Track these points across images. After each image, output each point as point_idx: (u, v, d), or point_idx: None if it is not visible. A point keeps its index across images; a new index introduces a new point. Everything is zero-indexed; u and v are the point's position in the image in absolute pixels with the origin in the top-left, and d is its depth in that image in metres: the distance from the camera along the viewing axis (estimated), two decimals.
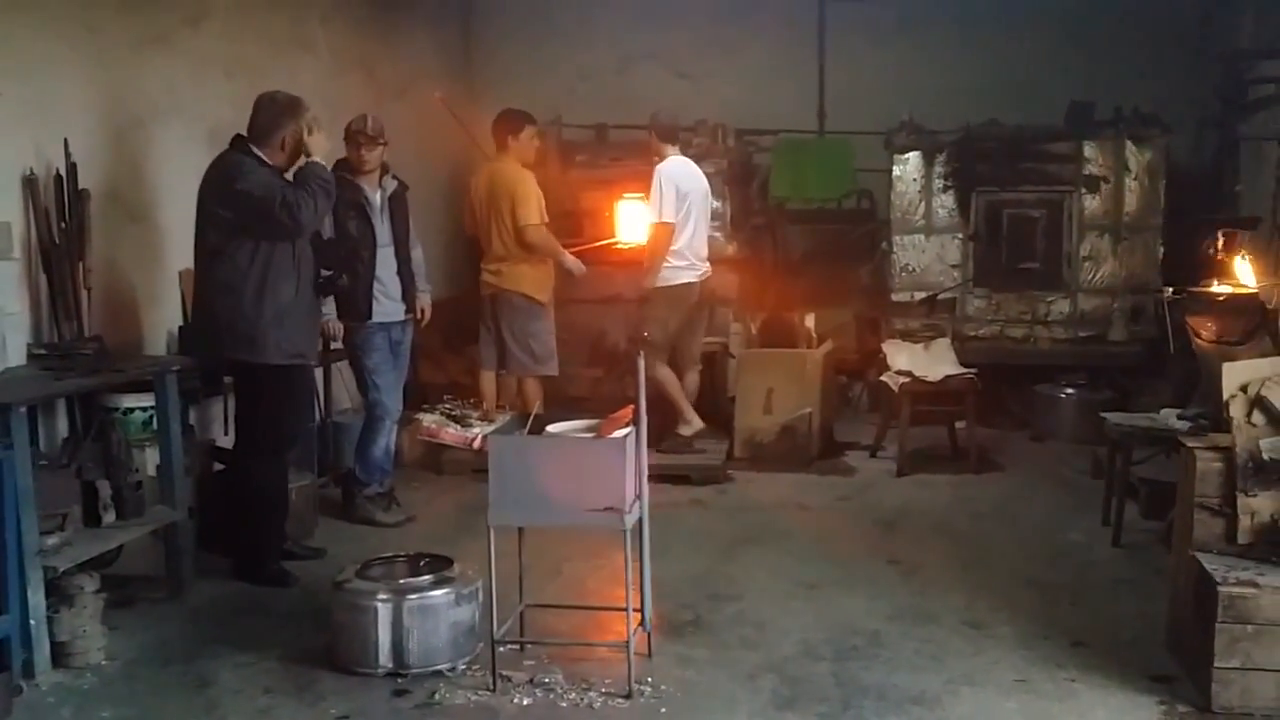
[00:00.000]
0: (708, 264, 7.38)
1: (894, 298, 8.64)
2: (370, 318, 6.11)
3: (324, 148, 5.30)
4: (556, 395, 7.58)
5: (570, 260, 7.15)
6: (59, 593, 4.38)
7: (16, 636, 4.14)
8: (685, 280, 7.18)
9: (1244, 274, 5.47)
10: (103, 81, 5.70)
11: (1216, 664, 3.89)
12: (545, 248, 7.03)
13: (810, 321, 8.24)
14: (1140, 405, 7.03)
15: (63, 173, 5.31)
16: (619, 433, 4.19)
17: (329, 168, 5.33)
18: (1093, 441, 6.74)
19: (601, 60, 10.13)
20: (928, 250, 8.68)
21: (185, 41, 6.33)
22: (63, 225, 5.29)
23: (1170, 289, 5.85)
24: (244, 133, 5.21)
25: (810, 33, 10.16)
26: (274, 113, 5.20)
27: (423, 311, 6.47)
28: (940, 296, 8.52)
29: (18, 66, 5.16)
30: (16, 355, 4.86)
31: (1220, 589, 3.90)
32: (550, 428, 4.32)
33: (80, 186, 5.37)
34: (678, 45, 10.05)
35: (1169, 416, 5.75)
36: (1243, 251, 5.67)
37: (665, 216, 7.01)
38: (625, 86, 9.66)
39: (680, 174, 7.12)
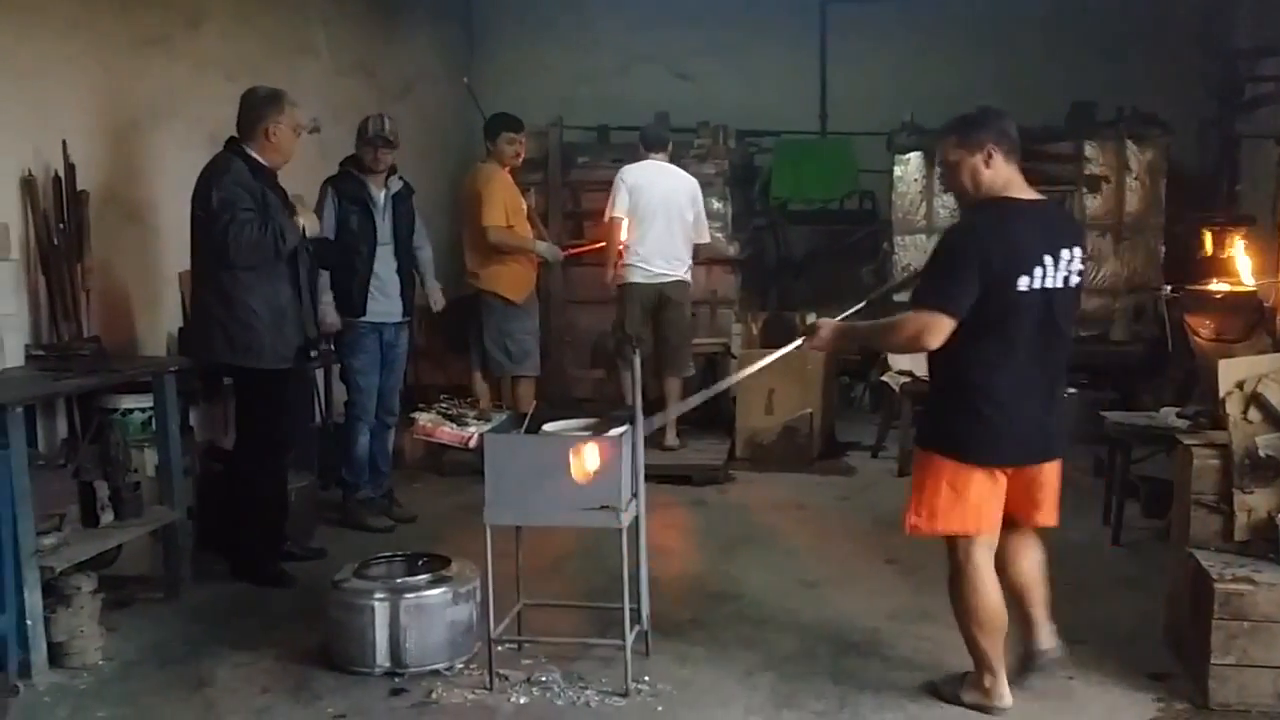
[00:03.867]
0: (677, 268, 7.36)
1: (895, 298, 8.58)
2: (364, 314, 6.11)
3: (314, 227, 5.34)
4: (559, 396, 7.58)
5: (542, 247, 7.20)
6: (56, 593, 4.38)
7: (13, 637, 4.14)
8: (634, 280, 7.31)
9: (1243, 272, 5.45)
10: (102, 83, 5.72)
11: (1213, 660, 3.89)
12: (508, 246, 7.02)
13: (812, 322, 8.21)
14: (1142, 404, 7.01)
15: (61, 174, 5.32)
16: (614, 431, 4.19)
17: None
18: (1094, 441, 6.72)
19: (603, 62, 10.15)
20: (929, 250, 8.63)
21: (185, 43, 6.35)
22: (61, 226, 5.30)
23: (1169, 287, 5.84)
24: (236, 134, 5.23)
25: (812, 33, 10.18)
26: (253, 105, 5.21)
27: (435, 300, 6.59)
28: None
29: (16, 67, 5.17)
30: (15, 356, 4.87)
31: (1217, 586, 3.89)
32: (546, 426, 4.32)
33: (79, 188, 5.38)
34: (679, 46, 10.07)
35: (1168, 415, 5.72)
36: (1232, 249, 5.64)
37: (609, 213, 7.32)
38: (627, 88, 9.69)
39: (638, 176, 7.30)
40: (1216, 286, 5.42)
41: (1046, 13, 9.54)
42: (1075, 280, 3.87)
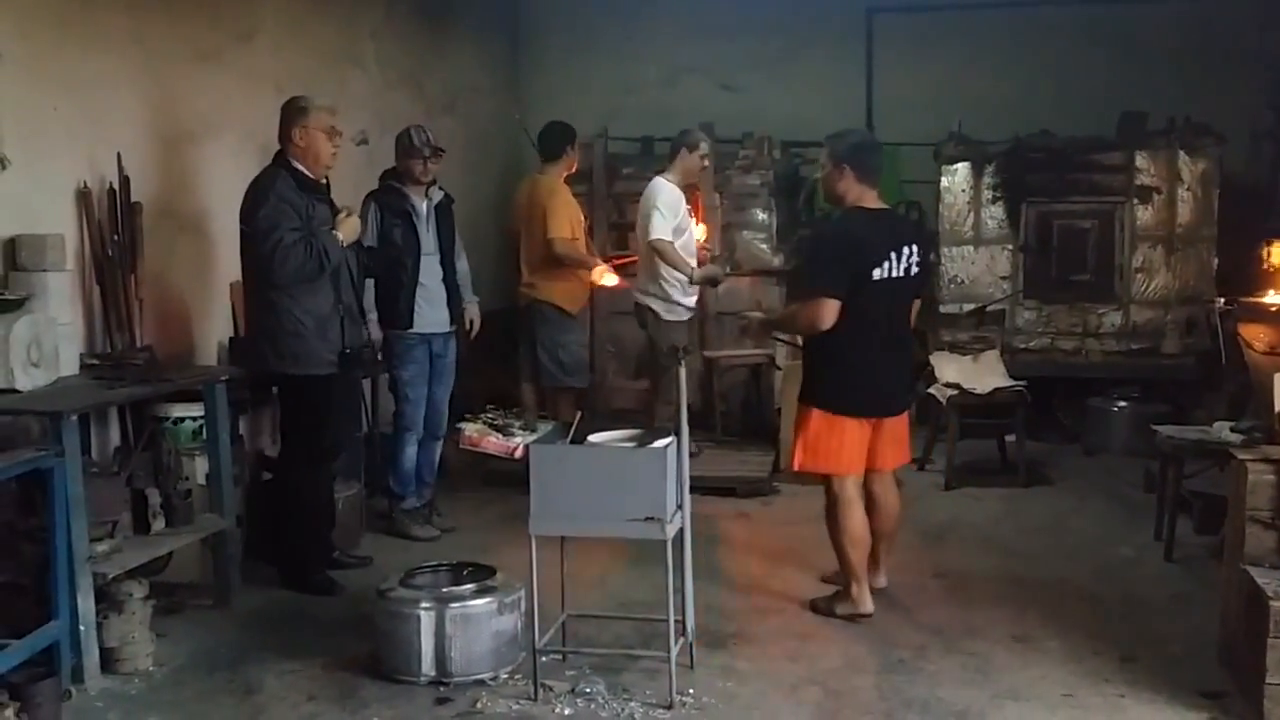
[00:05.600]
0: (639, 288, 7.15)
1: (942, 309, 8.56)
2: (411, 325, 6.14)
3: (354, 232, 5.38)
4: (601, 407, 7.58)
5: (598, 272, 7.14)
6: (108, 599, 4.45)
7: (66, 642, 4.19)
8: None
9: None
10: (155, 96, 5.80)
11: (1269, 680, 3.81)
12: (571, 260, 7.04)
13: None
14: (1195, 418, 6.91)
15: (115, 186, 5.40)
16: (660, 442, 4.18)
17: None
18: (1146, 455, 6.64)
19: (648, 73, 10.16)
20: (977, 262, 8.61)
21: (236, 56, 6.43)
22: (115, 238, 5.38)
23: (1222, 300, 5.76)
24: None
25: (858, 44, 10.12)
26: (284, 115, 5.31)
27: (472, 322, 6.52)
28: (989, 308, 8.44)
29: (72, 81, 5.26)
30: (70, 365, 4.94)
31: (1273, 604, 3.82)
32: (591, 437, 4.33)
33: (133, 199, 5.46)
34: (724, 58, 10.05)
35: (1222, 429, 5.65)
36: None
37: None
38: (672, 99, 9.67)
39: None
40: (1272, 299, 5.33)
41: (1095, 22, 9.43)
42: (915, 271, 4.87)
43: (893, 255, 4.79)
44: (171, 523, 4.92)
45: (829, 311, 4.70)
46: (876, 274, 4.74)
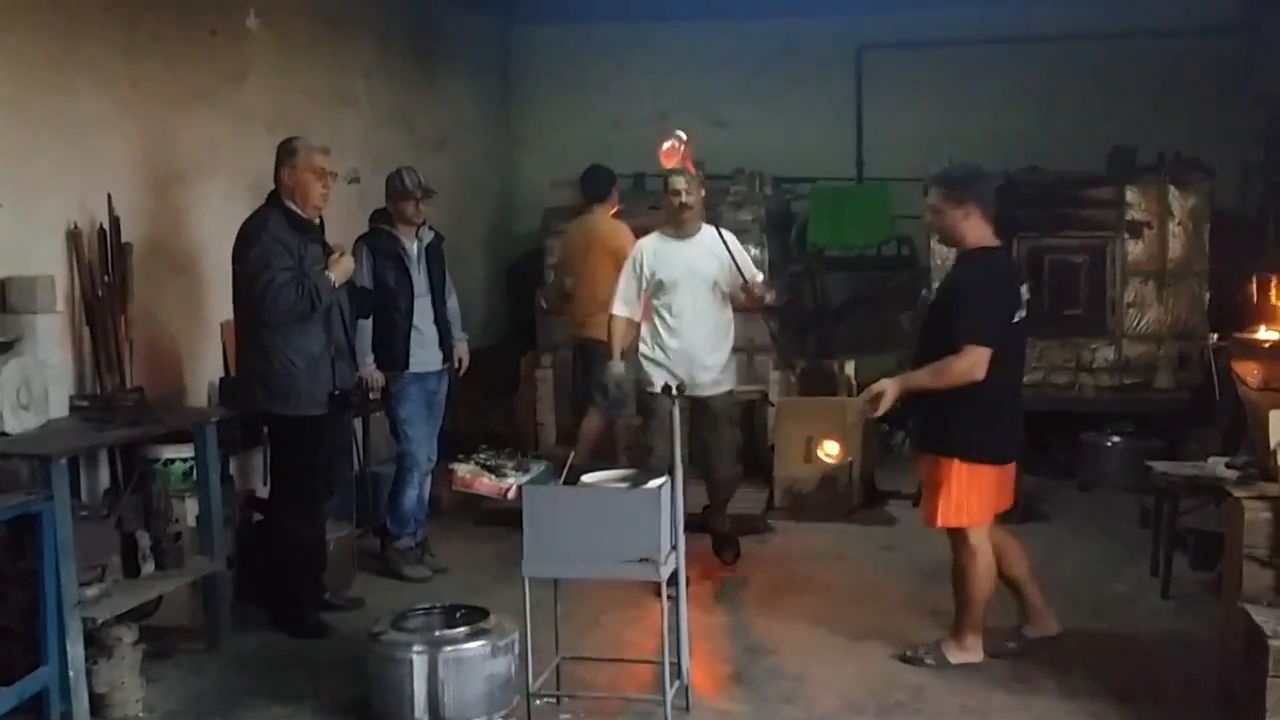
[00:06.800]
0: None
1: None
2: (408, 367, 6.13)
3: (347, 272, 5.35)
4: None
5: None
6: (98, 644, 4.39)
7: (55, 688, 4.15)
8: None
9: None
10: (146, 137, 5.80)
11: None
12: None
13: (850, 369, 8.18)
14: (1188, 453, 6.90)
15: (106, 226, 5.39)
16: (654, 483, 4.16)
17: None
18: (1140, 490, 6.62)
19: (639, 110, 10.16)
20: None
21: (228, 97, 6.44)
22: (105, 278, 5.36)
23: (1215, 335, 5.76)
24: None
25: (848, 80, 10.18)
26: (277, 157, 5.29)
27: (460, 360, 6.50)
28: None
29: (62, 121, 5.26)
30: (59, 407, 4.90)
31: (1272, 643, 3.79)
32: (585, 477, 4.30)
33: (123, 240, 5.45)
34: (715, 94, 10.09)
35: (1216, 465, 5.63)
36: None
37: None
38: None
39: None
40: (1265, 335, 5.33)
41: (1084, 58, 9.50)
42: (1027, 310, 4.80)
43: (1022, 295, 4.77)
44: (162, 566, 4.87)
45: (984, 361, 4.50)
46: (1016, 317, 4.68)
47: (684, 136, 6.26)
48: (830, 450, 7.17)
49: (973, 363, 4.50)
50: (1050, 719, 4.29)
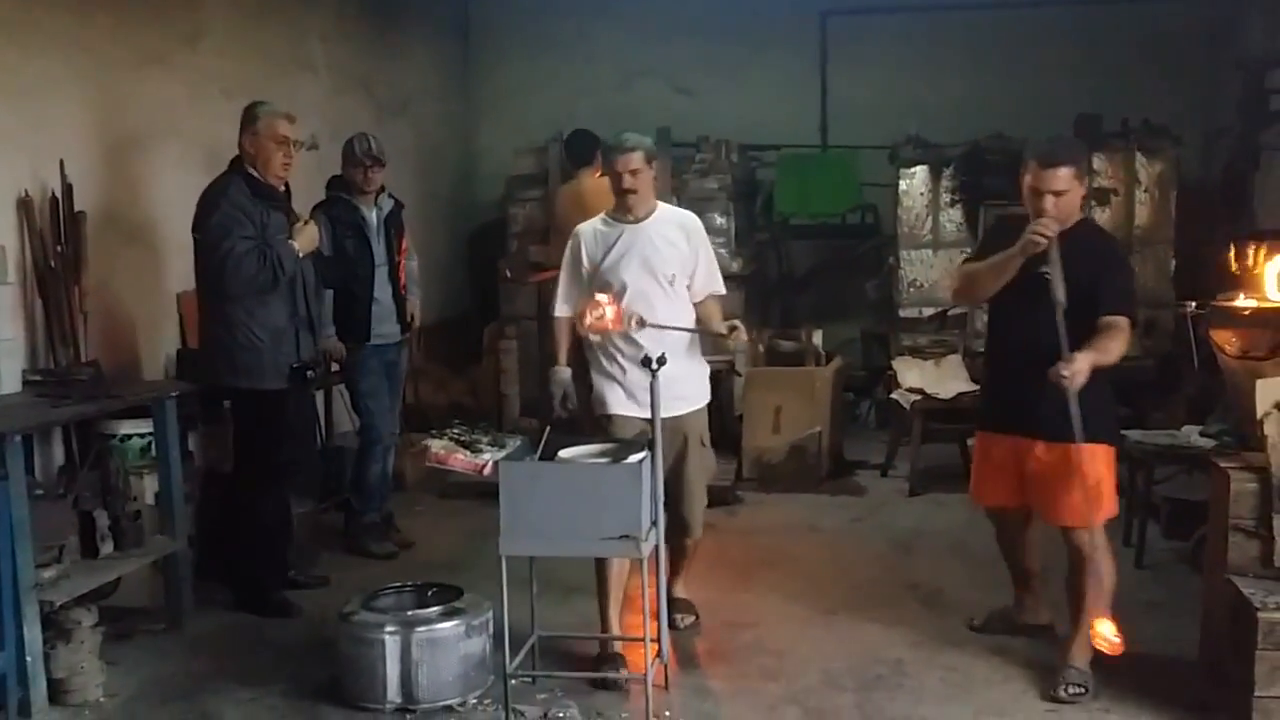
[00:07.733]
0: None
1: (902, 313, 8.50)
2: (369, 339, 5.98)
3: (312, 241, 5.16)
4: None
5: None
6: (56, 627, 4.24)
7: (12, 674, 4.02)
8: None
9: (1269, 287, 5.35)
10: (99, 101, 5.59)
11: (1257, 693, 3.76)
12: None
13: (818, 338, 8.11)
14: (1153, 421, 6.90)
15: (58, 194, 5.20)
16: (634, 458, 4.06)
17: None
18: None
19: (602, 76, 10.04)
20: (936, 265, 8.54)
21: (183, 61, 6.23)
22: (59, 248, 5.18)
23: (1193, 303, 5.73)
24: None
25: (812, 47, 10.09)
26: (241, 126, 5.09)
27: (412, 316, 6.31)
28: (950, 312, 8.39)
29: (12, 86, 5.06)
30: (12, 382, 4.74)
31: (1260, 615, 3.77)
32: (563, 453, 4.19)
33: (76, 208, 5.27)
34: (679, 61, 9.98)
35: (1191, 434, 5.63)
36: (1264, 264, 5.54)
37: None
38: (627, 102, 9.54)
39: None
40: (1243, 302, 5.30)
41: (1049, 24, 9.46)
42: None
43: None
44: (120, 545, 4.72)
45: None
46: None
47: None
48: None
49: (1129, 338, 4.18)
50: (1034, 692, 4.23)
